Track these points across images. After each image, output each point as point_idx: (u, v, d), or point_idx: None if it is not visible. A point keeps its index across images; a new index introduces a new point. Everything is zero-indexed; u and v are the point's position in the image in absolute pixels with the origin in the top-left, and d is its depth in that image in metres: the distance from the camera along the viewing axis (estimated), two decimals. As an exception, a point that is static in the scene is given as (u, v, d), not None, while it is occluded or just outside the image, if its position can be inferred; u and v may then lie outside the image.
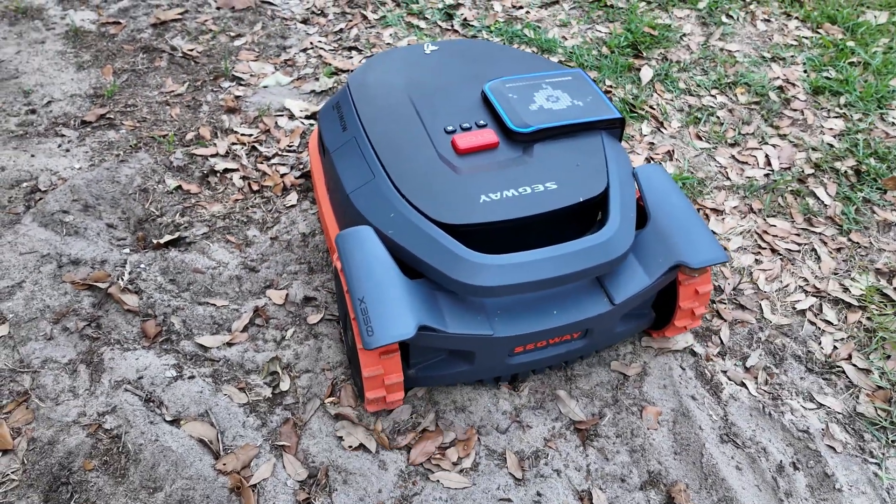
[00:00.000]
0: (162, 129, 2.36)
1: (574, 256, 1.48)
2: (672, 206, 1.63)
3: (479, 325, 1.48)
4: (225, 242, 2.01)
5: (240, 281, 1.91)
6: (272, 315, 1.84)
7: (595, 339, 1.65)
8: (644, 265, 1.58)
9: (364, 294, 1.39)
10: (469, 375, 1.62)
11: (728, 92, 2.76)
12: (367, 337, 1.33)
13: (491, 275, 1.43)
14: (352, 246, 1.47)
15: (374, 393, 1.53)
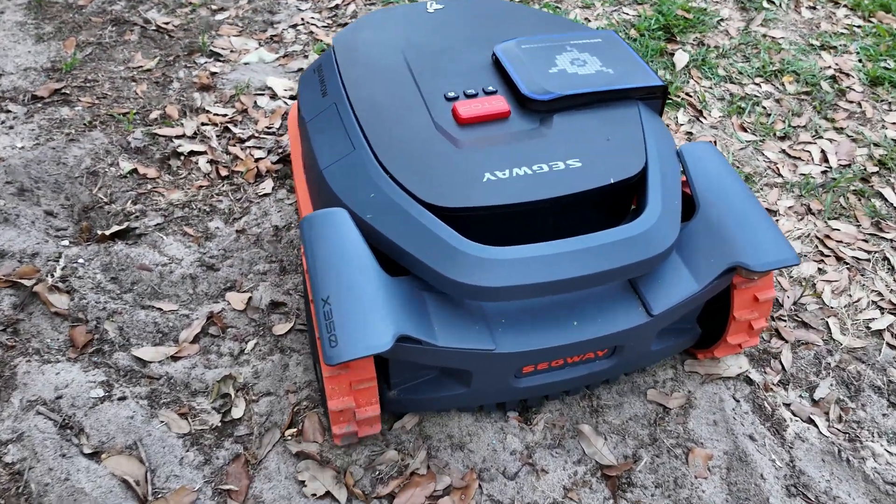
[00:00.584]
0: (123, 106, 2.04)
1: (602, 251, 1.14)
2: (727, 193, 1.29)
3: (478, 337, 1.14)
4: (182, 235, 1.68)
5: (194, 281, 1.58)
6: (230, 323, 1.50)
7: (626, 359, 1.31)
8: (691, 266, 1.24)
9: (329, 292, 1.06)
10: (466, 400, 1.29)
11: (774, 81, 2.42)
12: (330, 349, 1.01)
13: (495, 273, 1.10)
14: (319, 232, 1.14)
15: (340, 428, 1.19)
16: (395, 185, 1.18)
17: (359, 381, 1.15)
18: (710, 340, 1.45)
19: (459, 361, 1.16)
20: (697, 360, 1.50)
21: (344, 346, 1.02)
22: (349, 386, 1.15)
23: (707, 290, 1.24)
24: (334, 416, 1.17)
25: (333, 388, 1.15)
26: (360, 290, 1.06)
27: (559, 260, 1.12)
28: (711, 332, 1.43)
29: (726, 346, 1.40)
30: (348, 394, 1.16)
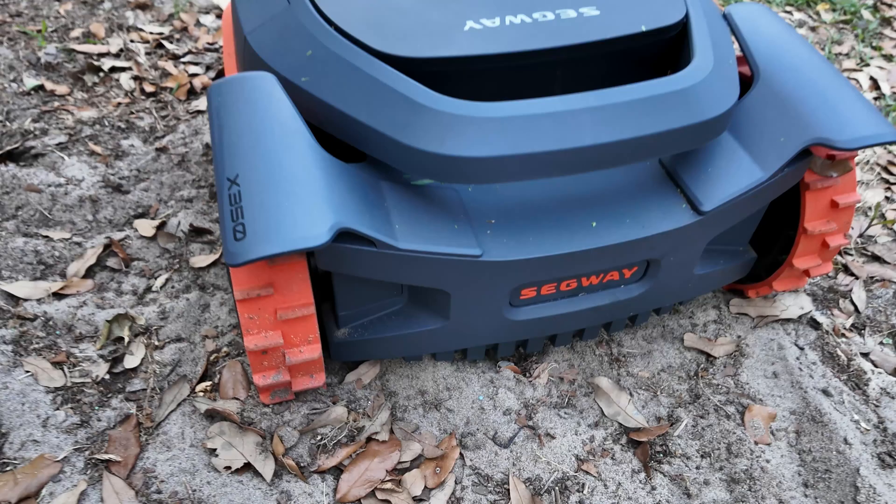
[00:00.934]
0: (39, 25, 1.70)
1: (635, 110, 0.80)
2: (796, 59, 0.95)
3: (457, 239, 0.80)
4: (88, 155, 1.33)
5: (95, 205, 1.23)
6: (136, 254, 1.15)
7: (662, 285, 0.96)
8: (752, 149, 0.90)
9: (239, 170, 0.74)
10: (443, 341, 0.94)
11: (807, 9, 2.09)
12: (234, 243, 0.69)
13: (478, 137, 0.76)
14: (233, 98, 0.80)
15: (264, 377, 0.85)
16: (340, 37, 0.83)
17: (288, 307, 0.80)
18: (762, 273, 1.11)
19: (432, 276, 0.82)
20: (746, 299, 1.15)
21: (255, 238, 0.69)
22: (274, 315, 0.80)
23: (774, 183, 0.90)
24: (255, 359, 0.83)
25: (250, 316, 0.80)
26: (285, 166, 0.74)
27: (571, 120, 0.78)
28: (766, 263, 1.09)
29: (790, 273, 1.06)
30: (273, 327, 0.81)
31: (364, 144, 0.81)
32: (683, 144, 0.84)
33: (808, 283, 1.17)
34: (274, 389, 0.90)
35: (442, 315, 0.90)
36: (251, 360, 0.83)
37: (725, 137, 0.92)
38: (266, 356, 0.83)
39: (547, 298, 0.93)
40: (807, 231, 0.99)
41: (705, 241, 0.92)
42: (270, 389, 0.89)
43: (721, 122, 0.85)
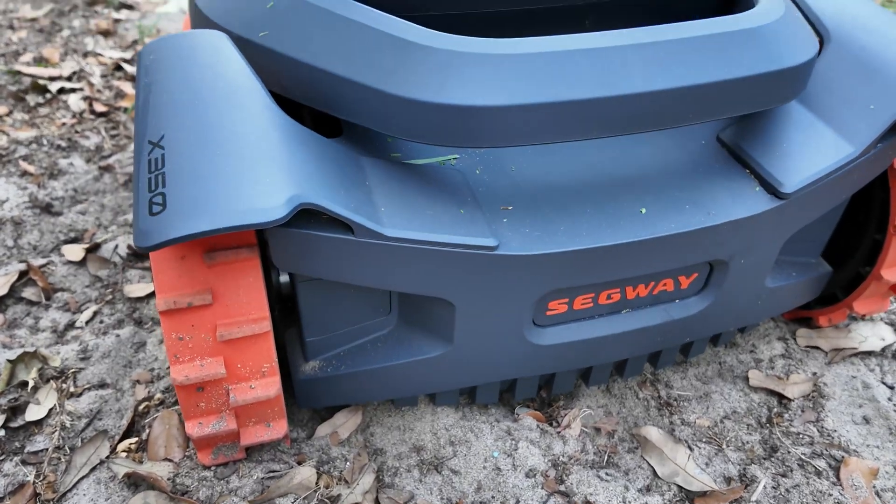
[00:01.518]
0: (-16, 50, 1.53)
1: (698, 48, 0.61)
2: (868, 17, 0.78)
3: (464, 227, 0.60)
4: (19, 176, 1.13)
5: (18, 228, 1.01)
6: (61, 283, 0.93)
7: (729, 297, 0.75)
8: (834, 122, 0.71)
9: (166, 130, 0.54)
10: (445, 378, 0.72)
11: None
12: (147, 219, 0.49)
13: (489, 78, 0.56)
14: (167, 55, 0.61)
15: (201, 425, 0.63)
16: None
17: (233, 322, 0.58)
18: (837, 293, 0.89)
19: (429, 279, 0.61)
20: (815, 329, 0.94)
21: (179, 211, 0.49)
22: (213, 333, 0.58)
23: (867, 162, 0.71)
24: (186, 398, 0.61)
25: (179, 336, 0.58)
26: (228, 126, 0.54)
27: (615, 58, 0.58)
28: (844, 279, 0.88)
29: (876, 290, 0.84)
30: (212, 351, 0.59)
31: (340, 107, 0.61)
32: (758, 101, 0.64)
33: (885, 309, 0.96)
34: (216, 444, 0.67)
35: (444, 338, 0.68)
36: (182, 400, 0.61)
37: (797, 108, 0.73)
38: (203, 395, 0.61)
39: (581, 316, 0.71)
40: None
41: (784, 237, 0.72)
42: (211, 444, 0.66)
43: (802, 74, 0.66)
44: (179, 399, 0.60)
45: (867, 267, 0.85)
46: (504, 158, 0.69)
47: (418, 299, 0.67)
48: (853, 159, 0.69)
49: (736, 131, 0.73)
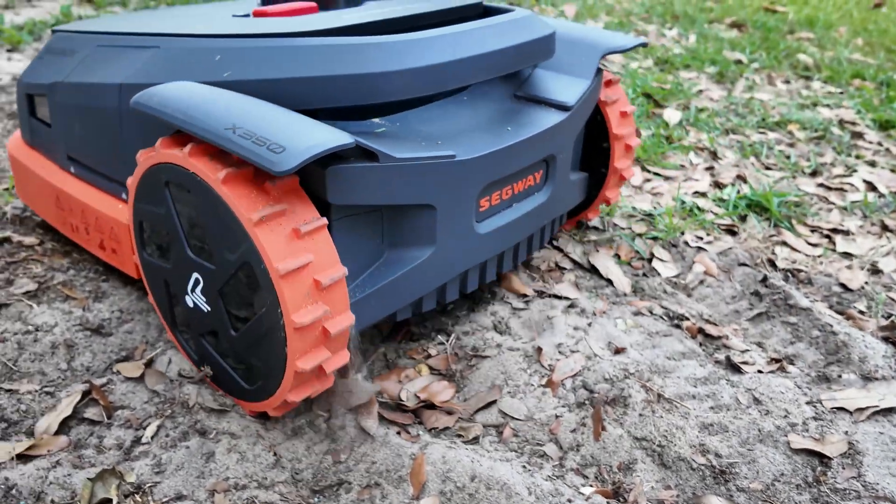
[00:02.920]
0: (4, 185, 1.59)
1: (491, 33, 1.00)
2: (564, 23, 1.31)
3: (431, 148, 0.92)
4: (61, 300, 1.16)
5: (71, 351, 1.04)
6: (121, 402, 0.96)
7: (558, 186, 1.16)
8: (571, 72, 1.20)
9: (234, 120, 0.76)
10: (430, 277, 0.98)
11: (779, 130, 2.16)
12: (275, 156, 0.70)
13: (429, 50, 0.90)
14: (177, 94, 0.83)
15: (310, 358, 0.79)
16: (248, 37, 0.92)
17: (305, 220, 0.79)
18: (589, 200, 1.38)
19: (422, 189, 0.90)
20: (838, 391, 1.00)
21: (295, 146, 0.70)
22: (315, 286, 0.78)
23: (592, 89, 1.21)
24: (300, 335, 0.77)
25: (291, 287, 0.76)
26: (273, 110, 0.80)
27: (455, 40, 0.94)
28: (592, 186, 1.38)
29: (614, 180, 1.34)
30: (314, 292, 0.78)
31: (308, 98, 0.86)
32: (533, 58, 1.06)
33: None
34: (305, 383, 0.83)
35: (428, 242, 0.95)
36: (294, 338, 0.77)
37: (548, 72, 1.19)
38: (310, 330, 0.78)
39: (496, 210, 1.05)
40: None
41: (573, 138, 1.15)
42: (303, 384, 0.83)
43: (550, 41, 1.08)
44: (290, 338, 0.77)
45: (604, 168, 1.30)
46: (410, 123, 0.97)
47: (405, 219, 0.93)
48: (589, 85, 1.15)
49: (525, 88, 1.14)
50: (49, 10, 3.20)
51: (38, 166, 1.24)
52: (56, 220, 1.25)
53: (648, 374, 1.03)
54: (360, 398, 0.97)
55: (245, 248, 0.77)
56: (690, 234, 1.45)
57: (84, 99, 1.07)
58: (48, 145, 1.23)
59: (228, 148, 0.73)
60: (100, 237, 1.12)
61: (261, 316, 0.80)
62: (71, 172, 1.18)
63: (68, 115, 1.13)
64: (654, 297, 1.25)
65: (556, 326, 1.12)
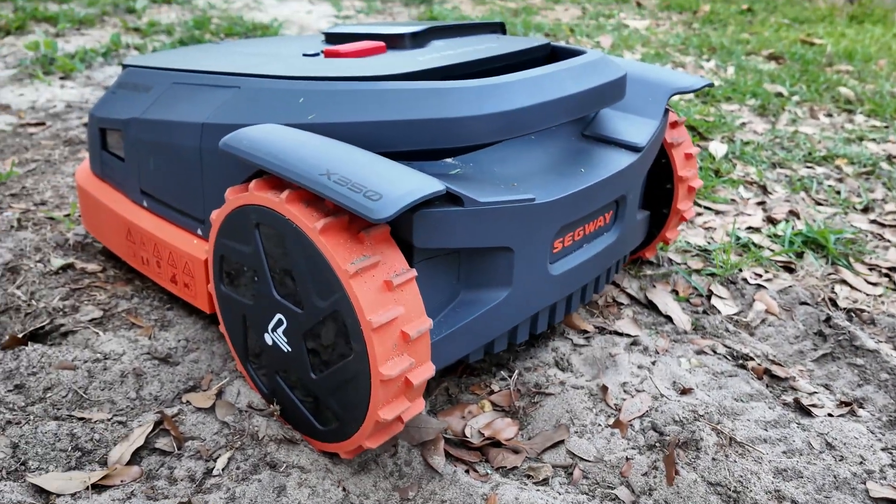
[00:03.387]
0: (65, 211, 1.63)
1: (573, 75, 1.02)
2: (631, 62, 1.35)
3: (510, 191, 0.92)
4: (127, 328, 1.18)
5: (140, 380, 1.06)
6: (191, 432, 0.96)
7: (626, 225, 1.16)
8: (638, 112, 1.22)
9: (328, 167, 0.76)
10: (506, 317, 0.98)
11: (826, 164, 2.14)
12: (371, 203, 0.71)
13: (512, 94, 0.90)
14: (269, 137, 0.83)
15: (392, 409, 0.81)
16: (331, 79, 0.94)
17: (395, 271, 0.79)
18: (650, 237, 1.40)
19: (502, 232, 0.90)
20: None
21: (391, 194, 0.71)
22: (401, 336, 0.78)
23: (660, 127, 1.23)
24: (385, 388, 0.78)
25: (381, 339, 0.77)
26: (362, 155, 0.80)
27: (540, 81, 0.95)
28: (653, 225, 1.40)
29: (675, 221, 1.37)
30: (401, 345, 0.79)
31: (388, 143, 0.88)
32: (607, 99, 1.05)
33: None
34: (387, 425, 0.84)
35: (504, 283, 0.95)
36: (379, 390, 0.78)
37: (616, 112, 1.20)
38: (393, 382, 0.78)
39: (568, 251, 1.05)
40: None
41: (642, 177, 1.16)
42: (386, 427, 0.84)
43: (622, 83, 1.08)
44: (376, 390, 0.78)
45: (665, 209, 1.31)
46: (483, 164, 0.98)
47: (481, 261, 0.93)
48: (657, 126, 1.16)
49: (592, 128, 1.15)
50: (97, 39, 3.29)
51: (108, 199, 1.27)
52: (125, 252, 1.27)
53: (718, 416, 1.02)
54: (428, 435, 0.97)
55: (337, 297, 0.77)
56: (748, 270, 1.44)
57: (162, 136, 1.08)
58: (120, 179, 1.25)
59: (325, 195, 0.73)
60: (172, 271, 1.13)
61: (346, 364, 0.80)
62: (143, 206, 1.20)
63: (144, 150, 1.14)
64: (716, 335, 1.24)
65: (620, 364, 1.11)
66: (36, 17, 3.58)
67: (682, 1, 5.13)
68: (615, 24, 4.23)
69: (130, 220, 1.20)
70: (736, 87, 2.87)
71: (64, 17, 3.58)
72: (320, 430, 0.90)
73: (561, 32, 3.86)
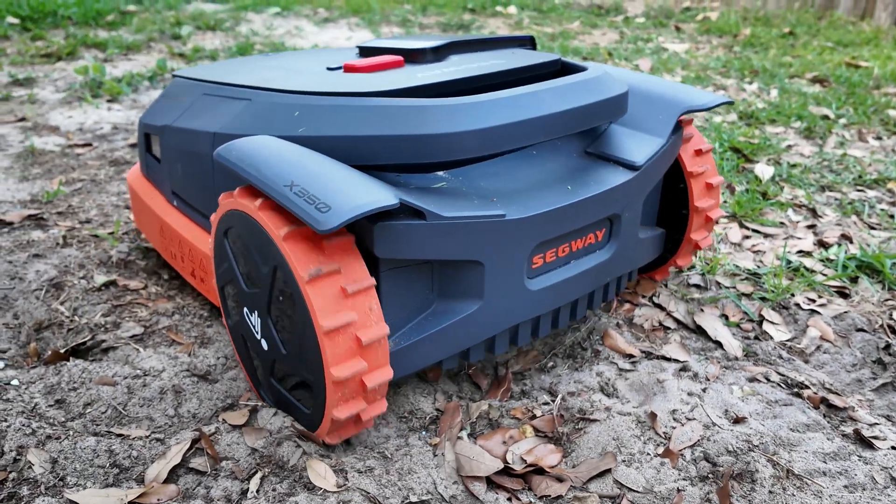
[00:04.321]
0: (109, 229, 1.65)
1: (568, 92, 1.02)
2: (643, 77, 1.30)
3: (482, 206, 0.93)
4: (167, 345, 1.18)
5: (178, 396, 1.05)
6: (226, 452, 0.95)
7: (623, 245, 1.14)
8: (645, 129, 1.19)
9: (292, 178, 0.82)
10: (478, 329, 0.99)
11: (878, 188, 2.07)
12: (320, 214, 0.76)
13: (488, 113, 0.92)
14: (252, 148, 0.89)
15: (346, 409, 0.86)
16: (321, 94, 0.98)
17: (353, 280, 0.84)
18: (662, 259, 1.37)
19: (469, 246, 0.91)
20: None
21: (340, 206, 0.76)
22: (356, 340, 0.83)
23: (669, 147, 1.19)
24: (337, 388, 0.84)
25: (332, 343, 0.81)
26: (331, 170, 0.84)
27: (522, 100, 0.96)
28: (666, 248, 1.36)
29: (687, 248, 1.35)
30: (354, 349, 0.83)
31: (371, 156, 0.91)
32: (605, 116, 1.05)
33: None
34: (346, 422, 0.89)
35: (476, 295, 0.96)
36: (333, 390, 0.83)
37: (622, 128, 1.18)
38: (348, 383, 0.83)
39: (550, 267, 1.05)
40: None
41: (642, 197, 1.13)
42: (344, 423, 0.88)
43: (623, 100, 1.08)
44: (330, 390, 0.82)
45: (679, 234, 1.29)
46: (473, 178, 0.99)
47: (454, 273, 0.95)
48: (663, 145, 1.14)
49: (596, 145, 1.13)
50: (144, 63, 3.38)
51: (149, 197, 1.37)
52: (160, 246, 1.37)
53: (773, 446, 0.97)
54: (479, 470, 0.93)
55: (298, 302, 0.83)
56: (801, 295, 1.38)
57: (186, 143, 1.17)
58: (158, 179, 1.35)
59: (284, 204, 0.79)
60: (192, 266, 1.23)
61: (308, 364, 0.87)
62: (174, 206, 1.30)
63: (174, 155, 1.23)
64: (769, 362, 1.18)
65: (669, 391, 1.07)
66: (86, 44, 3.69)
67: (722, 25, 5.08)
68: (654, 48, 4.20)
69: (163, 217, 1.29)
70: (780, 110, 2.81)
71: (112, 43, 3.69)
72: (302, 414, 0.96)
73: (599, 56, 3.84)
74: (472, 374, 1.13)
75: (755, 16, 5.46)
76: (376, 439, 0.97)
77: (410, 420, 1.03)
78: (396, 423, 1.02)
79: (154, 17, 4.58)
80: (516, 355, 1.18)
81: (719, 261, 1.50)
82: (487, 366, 1.16)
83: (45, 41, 3.73)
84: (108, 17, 4.41)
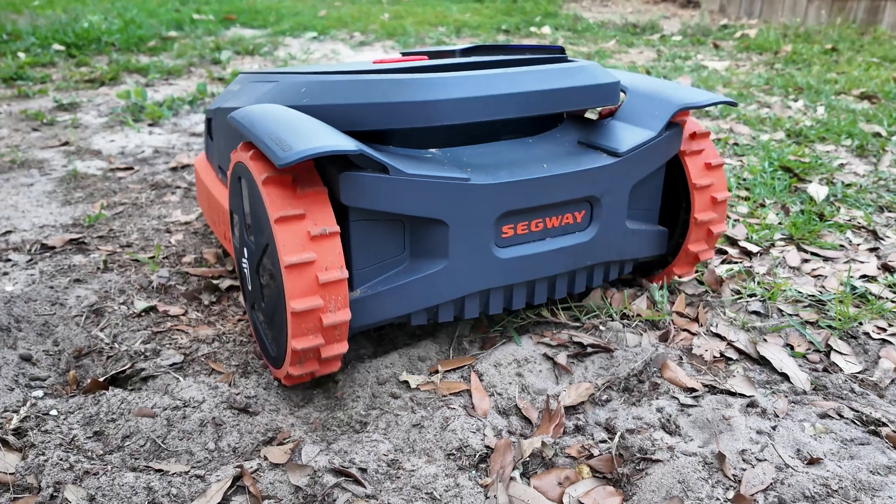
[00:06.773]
0: (149, 253, 1.64)
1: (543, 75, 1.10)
2: (644, 78, 1.34)
3: (448, 170, 1.02)
4: (207, 374, 1.15)
5: (219, 430, 1.01)
6: (269, 491, 0.90)
7: (606, 231, 1.18)
8: (639, 124, 1.23)
9: (275, 130, 0.92)
10: (445, 288, 1.07)
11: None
12: (281, 152, 0.85)
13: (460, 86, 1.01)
14: (255, 112, 1.01)
15: (304, 341, 0.95)
16: (327, 74, 1.12)
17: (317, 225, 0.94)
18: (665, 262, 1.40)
19: (432, 204, 1.00)
20: None
21: (299, 145, 0.86)
22: (315, 279, 0.93)
23: (663, 141, 1.23)
24: (298, 319, 0.93)
25: (294, 280, 0.92)
26: (311, 124, 0.95)
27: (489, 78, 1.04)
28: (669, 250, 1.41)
29: (686, 258, 1.36)
30: (316, 289, 0.93)
31: (359, 122, 1.01)
32: (586, 101, 1.11)
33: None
34: (305, 359, 0.98)
35: (442, 255, 1.04)
36: (293, 321, 0.92)
37: (618, 123, 1.23)
38: (307, 316, 0.93)
39: (523, 240, 1.11)
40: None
41: (628, 185, 1.16)
42: (303, 360, 0.98)
43: (611, 89, 1.14)
44: (291, 321, 0.92)
45: (681, 239, 1.31)
46: (459, 155, 1.10)
47: (422, 232, 1.03)
48: (653, 138, 1.17)
49: (588, 136, 1.20)
50: (184, 88, 3.42)
51: (204, 173, 1.55)
52: (208, 216, 1.52)
53: (854, 491, 0.89)
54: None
55: (269, 238, 0.94)
56: (869, 324, 1.30)
57: (226, 119, 1.24)
58: (211, 156, 1.54)
59: (259, 147, 0.89)
60: (224, 229, 1.35)
61: (273, 296, 0.98)
62: (219, 179, 1.45)
63: (220, 132, 1.38)
64: (841, 396, 1.11)
65: (736, 428, 1.00)
66: (128, 69, 3.76)
67: (762, 42, 4.98)
68: (693, 66, 4.13)
69: (210, 188, 1.44)
70: (829, 128, 2.72)
71: (154, 68, 3.75)
72: (271, 356, 1.06)
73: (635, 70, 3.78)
74: (522, 407, 1.08)
75: (795, 32, 5.35)
76: (424, 479, 0.92)
77: (459, 458, 0.98)
78: (444, 460, 0.97)
79: (194, 42, 4.65)
80: (567, 387, 1.12)
81: (780, 286, 1.42)
82: (538, 398, 1.10)
83: (89, 67, 3.80)
84: (149, 43, 4.49)
